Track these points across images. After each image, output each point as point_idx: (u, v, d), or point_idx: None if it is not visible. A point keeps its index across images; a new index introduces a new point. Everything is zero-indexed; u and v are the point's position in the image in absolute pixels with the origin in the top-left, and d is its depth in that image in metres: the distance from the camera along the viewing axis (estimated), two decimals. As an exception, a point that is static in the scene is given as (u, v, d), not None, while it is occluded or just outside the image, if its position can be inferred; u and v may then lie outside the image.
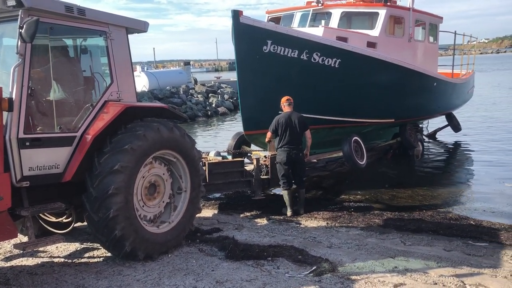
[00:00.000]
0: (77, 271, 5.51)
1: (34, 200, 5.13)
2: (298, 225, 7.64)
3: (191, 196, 6.32)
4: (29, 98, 4.91)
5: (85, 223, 6.02)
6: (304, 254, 6.05)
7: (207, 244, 6.49)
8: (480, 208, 8.72)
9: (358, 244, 6.54)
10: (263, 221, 7.91)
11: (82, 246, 6.43)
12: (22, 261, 5.89)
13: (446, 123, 16.82)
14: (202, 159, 8.36)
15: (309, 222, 7.85)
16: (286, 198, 8.32)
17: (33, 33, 4.57)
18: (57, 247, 6.32)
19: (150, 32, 6.57)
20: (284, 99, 8.48)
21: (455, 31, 15.92)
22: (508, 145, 14.88)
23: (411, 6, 12.74)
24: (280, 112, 8.58)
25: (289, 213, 8.24)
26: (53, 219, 6.39)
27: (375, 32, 11.92)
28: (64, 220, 6.33)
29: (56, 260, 5.95)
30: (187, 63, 49.48)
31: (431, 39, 14.47)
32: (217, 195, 9.59)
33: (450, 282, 5.14)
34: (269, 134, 8.48)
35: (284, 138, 8.22)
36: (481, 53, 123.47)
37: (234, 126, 21.68)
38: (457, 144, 16.16)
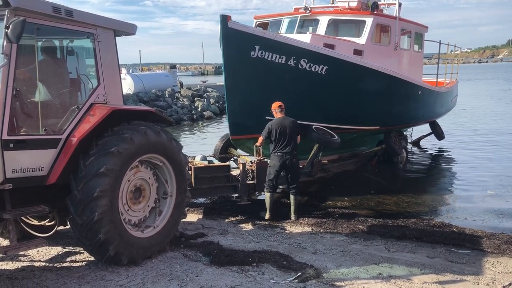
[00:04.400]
0: (59, 276, 5.42)
1: (16, 202, 5.03)
2: (283, 231, 7.64)
3: (177, 201, 6.27)
4: (14, 99, 4.83)
5: (68, 227, 5.94)
6: (289, 260, 6.05)
7: (191, 249, 6.44)
8: (463, 216, 8.84)
9: (342, 251, 6.56)
10: (248, 226, 7.89)
11: (64, 250, 6.33)
12: (1, 265, 5.77)
13: (430, 131, 17.04)
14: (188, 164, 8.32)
15: (294, 228, 7.86)
16: (267, 201, 8.33)
17: (20, 33, 4.50)
18: (38, 251, 6.21)
19: (136, 35, 6.54)
20: (275, 105, 8.43)
21: (440, 41, 16.20)
22: (490, 153, 15.15)
23: (397, 15, 12.92)
24: (269, 118, 8.60)
25: (267, 216, 8.25)
26: (35, 222, 6.28)
27: (362, 40, 12.04)
28: (47, 224, 6.23)
29: (37, 264, 5.84)
30: (173, 66, 49.32)
31: (416, 47, 14.66)
32: (202, 199, 9.54)
33: (434, 289, 5.20)
34: (260, 139, 8.44)
35: (278, 144, 8.22)
36: (463, 63, 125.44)
37: (219, 131, 21.64)
38: (440, 152, 16.39)
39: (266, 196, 8.40)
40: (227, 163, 9.52)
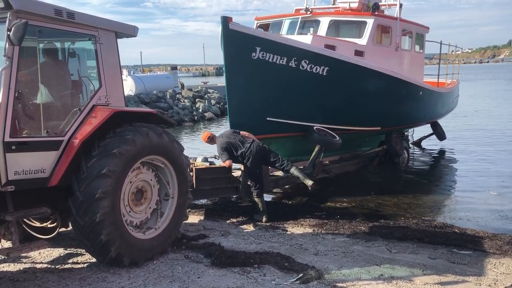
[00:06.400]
0: (60, 278, 5.42)
1: (19, 204, 5.04)
2: (284, 232, 7.65)
3: (178, 203, 6.28)
4: (16, 102, 4.83)
5: (70, 228, 5.95)
6: (291, 261, 6.05)
7: (193, 250, 6.45)
8: (464, 216, 8.84)
9: (344, 252, 6.56)
10: (249, 228, 7.90)
11: (66, 251, 6.34)
12: (3, 267, 5.77)
13: (431, 131, 17.04)
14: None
15: (296, 229, 7.87)
16: (260, 205, 8.32)
17: (22, 36, 4.51)
18: (40, 252, 6.22)
19: (137, 36, 6.55)
20: (206, 139, 8.79)
21: (441, 41, 16.18)
22: (492, 153, 15.14)
23: (398, 16, 12.91)
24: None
25: (264, 219, 8.24)
26: (37, 224, 6.28)
27: (362, 40, 12.04)
28: (49, 225, 6.23)
29: (38, 266, 5.85)
30: (174, 67, 49.33)
31: (417, 48, 14.66)
32: (204, 201, 9.55)
33: (435, 290, 5.20)
34: (228, 163, 8.41)
35: (239, 149, 8.33)
36: (464, 63, 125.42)
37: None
38: (442, 152, 16.37)
39: (257, 201, 8.37)
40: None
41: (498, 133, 19.08)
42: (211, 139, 8.77)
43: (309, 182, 8.31)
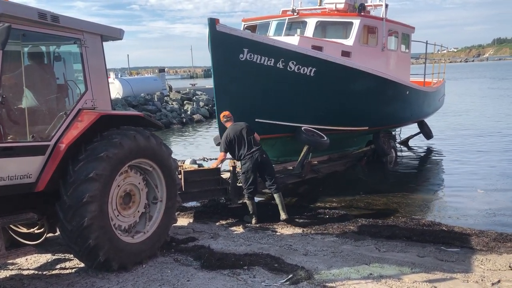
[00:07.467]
0: (48, 284, 5.37)
1: (4, 210, 4.98)
2: (274, 233, 7.65)
3: (167, 206, 6.25)
4: (0, 106, 4.79)
5: (58, 234, 5.89)
6: (280, 262, 6.06)
7: (182, 253, 6.43)
8: (452, 214, 8.92)
9: (333, 251, 6.59)
10: (239, 229, 7.89)
11: (54, 257, 6.28)
12: (-10, 274, 5.71)
13: (418, 130, 17.18)
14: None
15: (285, 229, 7.88)
16: (251, 207, 8.30)
17: (5, 40, 4.46)
18: (27, 259, 6.15)
19: (124, 39, 6.52)
20: (222, 117, 8.52)
21: (427, 41, 16.35)
22: (479, 151, 15.29)
23: (384, 16, 13.02)
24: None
25: (253, 221, 8.23)
26: (24, 230, 6.21)
27: (349, 41, 12.11)
28: (36, 231, 6.17)
29: (25, 272, 5.79)
30: (161, 70, 49.16)
31: (403, 48, 14.79)
32: (193, 203, 9.52)
33: (424, 288, 5.24)
34: (221, 155, 8.38)
35: (242, 148, 8.23)
36: (450, 62, 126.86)
37: (209, 134, 21.62)
38: (429, 151, 16.52)
39: (248, 203, 8.34)
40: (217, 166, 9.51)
41: (484, 131, 19.30)
42: (226, 119, 8.49)
43: (283, 215, 8.25)
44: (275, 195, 8.37)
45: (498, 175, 12.01)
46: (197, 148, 17.85)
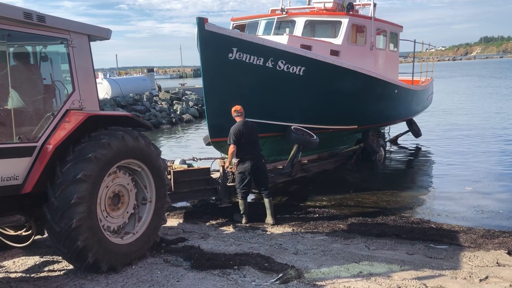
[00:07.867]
0: (36, 286, 5.32)
1: (-9, 213, 4.93)
2: (264, 232, 7.66)
3: (156, 207, 6.23)
4: (-15, 107, 4.73)
5: (46, 236, 5.83)
6: (270, 261, 6.07)
7: (172, 254, 6.41)
8: (441, 212, 8.99)
9: (323, 250, 6.61)
10: (229, 229, 7.88)
11: (42, 259, 6.22)
12: (-23, 277, 5.64)
13: (407, 129, 17.30)
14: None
15: (275, 228, 7.88)
16: (242, 207, 8.28)
17: (-10, 40, 4.41)
18: (14, 261, 6.08)
19: (112, 39, 6.47)
20: (235, 110, 8.38)
21: (415, 40, 16.46)
22: (467, 149, 15.45)
23: (372, 15, 13.07)
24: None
25: (244, 220, 8.24)
26: (12, 232, 6.14)
27: (338, 40, 12.15)
28: (24, 233, 6.10)
29: (13, 275, 5.72)
30: (150, 69, 48.88)
31: (391, 47, 14.88)
32: (183, 203, 9.49)
33: (413, 285, 5.28)
34: (232, 147, 8.14)
35: (245, 147, 8.18)
36: (438, 61, 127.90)
37: (199, 134, 21.56)
38: (418, 149, 16.64)
39: (240, 203, 8.32)
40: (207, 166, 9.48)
41: (472, 129, 19.50)
42: (237, 114, 8.28)
43: (269, 220, 8.22)
44: (266, 200, 8.35)
45: (487, 172, 12.15)
46: (187, 148, 17.77)
